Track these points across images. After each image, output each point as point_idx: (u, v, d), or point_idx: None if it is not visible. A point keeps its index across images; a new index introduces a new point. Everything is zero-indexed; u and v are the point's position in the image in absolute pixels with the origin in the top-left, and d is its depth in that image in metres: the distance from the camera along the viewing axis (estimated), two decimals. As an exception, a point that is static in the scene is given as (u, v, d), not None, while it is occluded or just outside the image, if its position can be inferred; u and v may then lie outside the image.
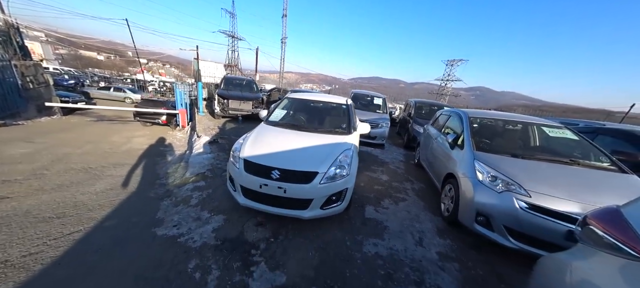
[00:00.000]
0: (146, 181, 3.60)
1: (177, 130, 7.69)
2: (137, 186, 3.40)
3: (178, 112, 7.78)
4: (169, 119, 7.85)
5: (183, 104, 7.99)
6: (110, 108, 8.02)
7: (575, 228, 1.23)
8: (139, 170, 4.04)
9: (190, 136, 6.83)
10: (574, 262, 1.01)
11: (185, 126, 8.04)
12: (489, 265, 2.16)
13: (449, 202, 2.86)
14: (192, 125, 7.83)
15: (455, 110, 4.09)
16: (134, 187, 3.35)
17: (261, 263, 1.97)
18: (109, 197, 3.01)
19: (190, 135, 7.08)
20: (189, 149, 5.38)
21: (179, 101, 7.69)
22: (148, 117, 7.75)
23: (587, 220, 1.08)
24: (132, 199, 3.00)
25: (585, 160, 2.58)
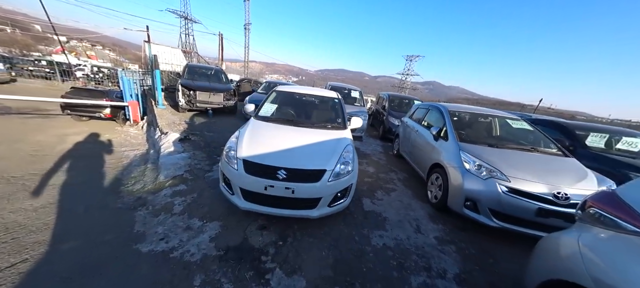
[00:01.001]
0: (107, 189, 3.04)
1: (127, 125, 6.65)
2: (95, 196, 2.84)
3: (127, 104, 6.70)
4: (114, 112, 6.65)
5: (133, 95, 6.90)
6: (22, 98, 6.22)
7: (575, 211, 1.47)
8: (91, 176, 3.37)
9: (149, 133, 6.00)
10: (581, 239, 1.22)
11: (139, 121, 7.00)
12: (477, 244, 2.47)
13: (436, 190, 3.13)
14: (148, 120, 6.86)
15: (433, 104, 4.45)
16: (92, 198, 2.79)
17: (275, 269, 1.87)
18: (55, 212, 2.45)
19: (148, 131, 6.21)
20: (154, 148, 4.73)
21: (128, 91, 6.61)
22: (84, 110, 6.30)
23: (588, 203, 1.31)
24: (93, 213, 2.50)
25: (540, 147, 3.10)
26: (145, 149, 4.89)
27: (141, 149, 4.86)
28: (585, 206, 1.36)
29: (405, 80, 42.02)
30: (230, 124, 6.53)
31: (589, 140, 4.20)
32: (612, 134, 4.31)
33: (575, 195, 2.31)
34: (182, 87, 6.96)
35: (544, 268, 1.38)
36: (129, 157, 4.28)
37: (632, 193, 1.18)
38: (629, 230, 1.09)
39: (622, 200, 1.17)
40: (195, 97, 6.88)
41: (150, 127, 6.69)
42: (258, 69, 76.73)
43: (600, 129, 4.43)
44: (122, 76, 6.94)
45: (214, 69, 8.49)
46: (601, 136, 4.31)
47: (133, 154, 4.50)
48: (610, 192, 1.26)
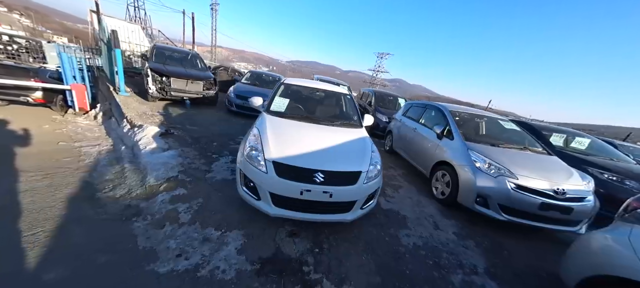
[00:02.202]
0: (77, 197, 2.49)
1: (71, 114, 5.60)
2: (65, 206, 2.29)
3: (70, 87, 5.61)
4: (48, 96, 5.42)
5: (78, 77, 5.80)
6: None
7: (620, 212, 1.67)
8: (48, 179, 2.73)
9: (109, 124, 5.14)
10: (632, 237, 1.39)
11: (87, 109, 5.95)
12: (489, 237, 2.70)
13: (443, 186, 3.32)
14: (105, 109, 5.86)
15: (429, 103, 4.68)
16: (61, 209, 2.25)
17: (323, 280, 1.76)
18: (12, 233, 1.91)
19: (106, 122, 5.32)
20: (125, 144, 4.06)
21: (69, 72, 5.52)
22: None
23: (634, 204, 1.50)
24: (72, 229, 2.02)
25: (530, 146, 3.50)
26: (111, 145, 4.17)
27: (105, 145, 4.12)
28: (629, 207, 1.56)
29: (376, 77, 43.82)
30: (214, 117, 5.95)
31: (552, 139, 4.91)
32: (568, 135, 5.12)
33: (569, 190, 2.67)
34: (151, 72, 6.05)
35: (587, 265, 1.56)
36: (92, 155, 3.59)
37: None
38: None
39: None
40: (170, 84, 6.05)
41: (109, 117, 5.73)
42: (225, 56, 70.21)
43: (559, 130, 5.22)
44: (60, 53, 5.72)
45: (188, 53, 7.55)
46: (560, 136, 5.09)
47: (95, 151, 3.80)
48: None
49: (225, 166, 3.33)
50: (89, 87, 7.15)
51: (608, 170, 4.06)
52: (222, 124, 5.46)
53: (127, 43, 9.82)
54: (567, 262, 1.75)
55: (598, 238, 1.62)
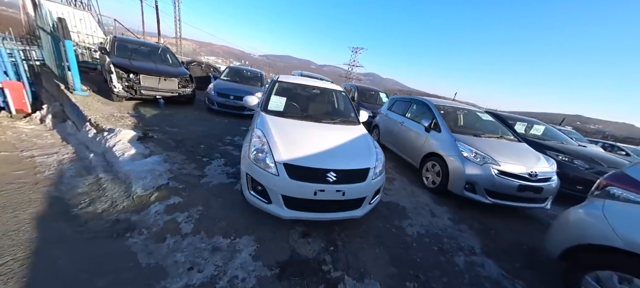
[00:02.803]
0: (49, 215, 2.18)
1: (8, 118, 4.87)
2: (37, 226, 1.99)
3: (1, 85, 4.85)
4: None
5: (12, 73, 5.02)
6: None
7: (593, 190, 1.95)
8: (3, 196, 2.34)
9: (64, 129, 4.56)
10: (605, 211, 1.67)
11: (29, 111, 5.21)
12: (476, 219, 2.99)
13: (433, 176, 3.58)
14: (54, 111, 5.15)
15: (414, 98, 4.94)
16: (33, 229, 1.95)
17: (345, 277, 1.81)
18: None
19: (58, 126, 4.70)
20: (93, 151, 3.63)
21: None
22: None
23: (603, 182, 1.78)
24: (54, 253, 1.76)
25: (504, 135, 3.92)
26: (72, 152, 3.69)
27: (64, 153, 3.64)
28: (601, 184, 1.85)
29: (352, 71, 44.63)
30: (194, 117, 5.55)
31: (516, 127, 5.54)
32: (528, 123, 5.82)
33: (540, 172, 3.07)
34: (115, 68, 5.40)
35: (571, 235, 1.83)
36: (50, 166, 3.15)
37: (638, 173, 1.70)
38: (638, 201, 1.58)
39: (633, 178, 1.67)
40: (139, 82, 5.47)
41: (62, 120, 5.05)
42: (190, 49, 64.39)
43: (520, 119, 5.92)
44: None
45: (158, 47, 6.86)
46: (522, 124, 5.77)
47: (53, 161, 3.34)
48: (622, 172, 1.77)
49: (219, 169, 3.16)
50: (27, 85, 6.17)
51: (561, 152, 4.74)
52: (204, 124, 5.13)
53: (76, 33, 8.58)
54: (551, 236, 2.03)
55: (576, 214, 1.91)
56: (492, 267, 2.18)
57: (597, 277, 1.69)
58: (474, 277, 2.03)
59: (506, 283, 2.02)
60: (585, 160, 4.54)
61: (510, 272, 2.16)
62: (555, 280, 2.13)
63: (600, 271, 1.67)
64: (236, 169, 3.24)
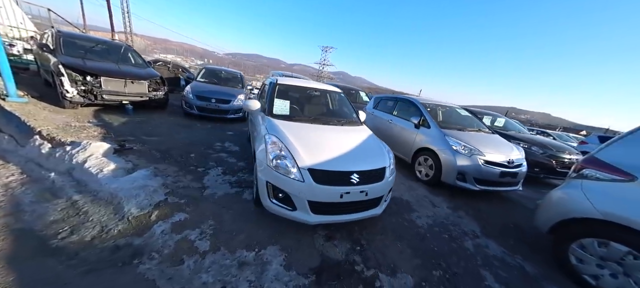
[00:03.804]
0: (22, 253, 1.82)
1: None
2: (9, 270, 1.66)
3: None
4: None
5: None
6: None
7: (570, 173, 2.32)
8: None
9: None
10: (583, 189, 2.02)
11: None
12: (469, 205, 3.34)
13: (426, 169, 3.88)
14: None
15: (399, 96, 5.25)
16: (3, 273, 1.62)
17: (379, 274, 1.88)
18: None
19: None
20: (55, 170, 3.12)
21: None
22: None
23: (579, 166, 2.15)
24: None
25: (481, 128, 4.42)
26: (20, 173, 3.10)
27: (6, 174, 3.04)
28: (577, 167, 2.23)
29: (323, 70, 45.15)
30: (171, 123, 5.06)
31: (484, 120, 6.28)
32: (492, 117, 6.65)
33: (515, 160, 3.55)
34: (66, 69, 4.66)
35: (557, 212, 2.18)
36: None
37: (607, 156, 2.09)
38: (608, 178, 1.97)
39: (602, 160, 2.06)
40: (100, 86, 4.80)
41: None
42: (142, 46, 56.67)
43: (486, 113, 6.72)
44: None
45: (120, 46, 6.05)
46: (488, 118, 6.56)
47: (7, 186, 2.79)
48: (593, 156, 2.15)
49: (220, 179, 2.97)
50: None
51: (520, 140, 5.52)
52: (186, 130, 4.73)
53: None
54: (540, 214, 2.39)
55: (559, 193, 2.28)
56: (494, 246, 2.48)
57: (581, 244, 2.06)
58: (484, 257, 2.28)
59: (509, 259, 2.32)
60: (539, 146, 5.37)
61: (509, 248, 2.48)
62: (544, 250, 2.51)
63: (583, 239, 2.04)
64: (238, 178, 3.09)
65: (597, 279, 1.97)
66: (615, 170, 1.98)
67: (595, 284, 1.97)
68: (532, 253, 2.47)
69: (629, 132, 2.09)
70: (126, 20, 22.00)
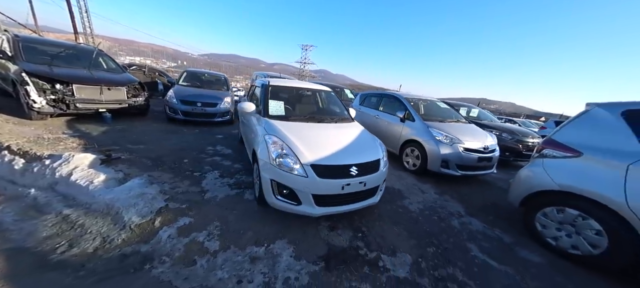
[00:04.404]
0: (23, 271, 1.78)
1: None
2: (18, 279, 1.63)
3: None
4: None
5: None
6: None
7: (534, 154, 2.67)
8: None
9: None
10: (544, 166, 2.38)
11: None
12: (451, 189, 3.69)
13: (413, 159, 4.18)
14: None
15: (384, 93, 5.54)
16: None
17: (381, 255, 2.07)
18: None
19: None
20: (35, 186, 2.98)
21: None
22: None
23: (540, 146, 2.51)
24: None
25: (459, 119, 4.82)
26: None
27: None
28: (539, 149, 2.59)
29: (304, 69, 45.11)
30: (156, 130, 4.90)
31: (460, 111, 6.81)
32: (468, 108, 7.21)
33: (490, 146, 3.96)
34: (31, 77, 4.34)
35: (525, 187, 2.53)
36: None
37: (560, 137, 2.46)
38: (562, 156, 2.34)
39: (557, 141, 2.43)
40: (72, 94, 4.53)
41: None
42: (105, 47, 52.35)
43: (462, 105, 7.28)
44: None
45: (89, 50, 5.69)
46: (464, 109, 7.11)
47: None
48: (551, 138, 2.52)
49: (218, 182, 3.00)
50: None
51: (492, 128, 6.08)
52: (173, 136, 4.62)
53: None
54: (511, 190, 2.75)
55: (526, 172, 2.65)
56: (477, 223, 2.80)
57: (544, 213, 2.42)
58: (469, 233, 2.58)
59: (489, 232, 2.64)
60: (508, 132, 5.96)
61: (489, 223, 2.82)
62: (518, 223, 2.88)
63: (546, 208, 2.40)
64: (236, 179, 3.14)
65: (556, 240, 2.34)
66: (566, 149, 2.36)
67: (555, 244, 2.34)
68: (509, 226, 2.82)
69: (576, 116, 2.49)
70: (85, 20, 20.32)
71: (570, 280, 2.07)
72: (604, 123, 2.27)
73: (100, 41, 9.49)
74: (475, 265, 2.12)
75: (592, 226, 2.13)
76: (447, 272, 2.00)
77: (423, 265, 2.04)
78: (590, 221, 2.14)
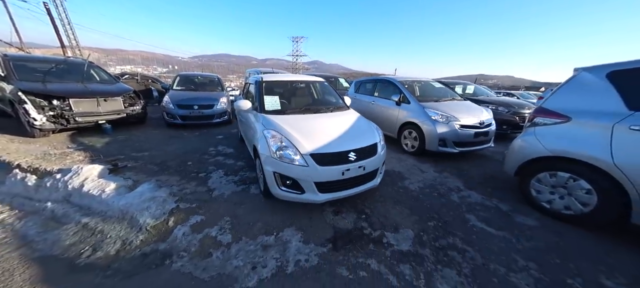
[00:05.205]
0: (53, 275, 1.93)
1: None
2: (54, 283, 1.78)
3: None
4: None
5: None
6: None
7: (526, 124, 2.77)
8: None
9: None
10: (536, 135, 2.49)
11: None
12: (449, 166, 3.81)
13: (412, 141, 4.29)
14: None
15: (378, 78, 5.60)
16: None
17: (385, 233, 2.22)
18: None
19: None
20: (51, 200, 3.12)
21: None
22: None
23: (531, 116, 2.61)
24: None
25: (454, 97, 4.90)
26: (10, 209, 3.06)
27: None
28: (530, 118, 2.69)
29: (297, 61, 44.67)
30: (157, 136, 5.01)
31: (456, 89, 6.87)
32: (463, 85, 7.26)
33: (485, 120, 4.06)
34: (27, 96, 4.41)
35: (519, 157, 2.65)
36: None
37: (550, 105, 2.55)
38: (552, 122, 2.44)
39: (547, 109, 2.52)
40: (70, 108, 4.62)
41: None
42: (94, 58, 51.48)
43: (458, 83, 7.33)
44: None
45: (80, 63, 5.73)
46: (460, 86, 7.17)
47: None
48: (540, 106, 2.62)
49: (224, 180, 3.13)
50: None
51: (489, 103, 6.16)
52: (175, 141, 4.73)
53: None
54: (506, 161, 2.87)
55: (519, 141, 2.76)
56: (475, 195, 2.93)
57: (538, 179, 2.55)
58: (468, 205, 2.72)
59: (488, 203, 2.78)
60: (505, 106, 6.04)
61: (487, 194, 2.95)
62: (514, 191, 3.01)
63: (539, 174, 2.52)
64: (240, 176, 3.27)
65: (550, 203, 2.48)
66: (556, 115, 2.46)
67: (550, 207, 2.48)
68: (505, 195, 2.96)
69: (565, 82, 2.57)
70: (69, 33, 20.11)
71: (561, 237, 2.21)
72: (590, 86, 2.36)
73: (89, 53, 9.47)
74: (474, 232, 2.26)
75: (582, 186, 2.26)
76: (448, 241, 2.15)
77: (425, 238, 2.18)
78: (581, 182, 2.26)
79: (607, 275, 1.85)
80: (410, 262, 1.91)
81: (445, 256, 1.97)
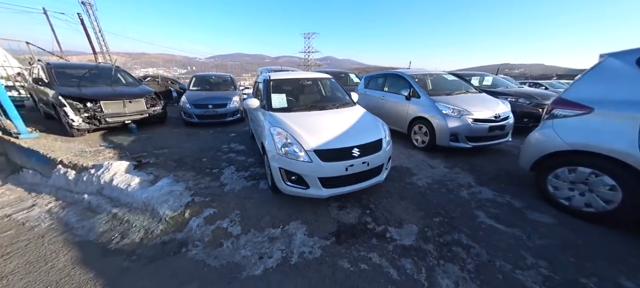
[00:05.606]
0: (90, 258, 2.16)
1: None
2: (85, 271, 1.99)
3: None
4: None
5: None
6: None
7: (544, 116, 2.63)
8: (15, 261, 2.24)
9: (24, 179, 4.21)
10: (554, 128, 2.35)
11: None
12: (462, 161, 3.69)
13: (422, 136, 4.20)
14: None
15: (388, 72, 5.49)
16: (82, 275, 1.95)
17: (388, 228, 2.23)
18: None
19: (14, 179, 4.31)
20: (87, 192, 3.45)
21: None
22: None
23: (549, 107, 2.46)
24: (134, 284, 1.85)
25: (468, 90, 4.70)
26: (56, 199, 3.44)
27: (45, 203, 3.39)
28: (548, 110, 2.54)
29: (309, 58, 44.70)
30: (175, 135, 5.34)
31: (472, 81, 6.56)
32: (480, 77, 6.91)
33: (502, 114, 3.87)
34: (67, 100, 4.89)
35: (535, 151, 2.51)
36: (41, 219, 2.96)
37: (570, 95, 2.40)
38: (572, 114, 2.29)
39: (567, 99, 2.37)
40: (101, 110, 5.05)
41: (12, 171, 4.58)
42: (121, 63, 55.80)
43: (473, 74, 6.99)
44: None
45: (108, 67, 6.22)
46: (476, 78, 6.83)
47: (38, 213, 3.15)
48: (559, 97, 2.46)
49: (235, 176, 3.30)
50: None
51: (508, 94, 5.82)
52: (191, 139, 5.02)
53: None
54: (522, 155, 2.74)
55: (536, 134, 2.61)
56: (487, 192, 2.84)
57: (556, 175, 2.41)
58: (478, 201, 2.64)
59: (499, 199, 2.68)
60: (526, 97, 5.68)
61: (500, 191, 2.84)
62: (530, 187, 2.88)
63: (557, 169, 2.39)
64: (250, 172, 3.41)
65: (569, 200, 2.34)
66: (577, 106, 2.29)
67: (569, 204, 2.34)
68: (520, 192, 2.83)
69: (588, 70, 2.38)
70: (100, 40, 21.66)
71: (580, 236, 2.10)
72: (617, 73, 2.17)
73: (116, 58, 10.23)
74: (481, 229, 2.21)
75: (605, 182, 2.11)
76: (453, 237, 2.12)
77: (429, 234, 2.17)
78: (604, 177, 2.11)
79: (628, 276, 1.74)
80: (412, 256, 1.92)
81: (449, 252, 1.96)
